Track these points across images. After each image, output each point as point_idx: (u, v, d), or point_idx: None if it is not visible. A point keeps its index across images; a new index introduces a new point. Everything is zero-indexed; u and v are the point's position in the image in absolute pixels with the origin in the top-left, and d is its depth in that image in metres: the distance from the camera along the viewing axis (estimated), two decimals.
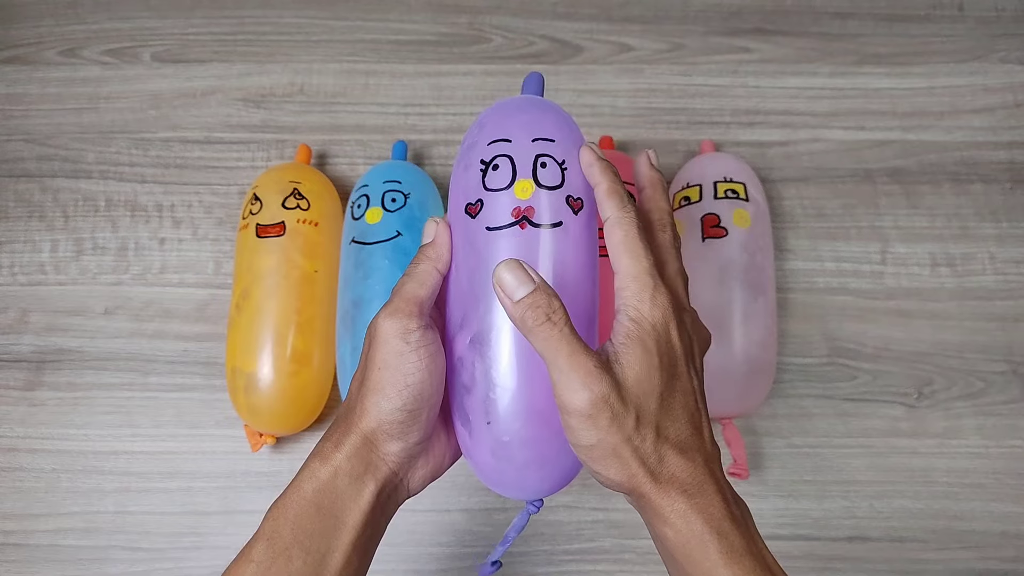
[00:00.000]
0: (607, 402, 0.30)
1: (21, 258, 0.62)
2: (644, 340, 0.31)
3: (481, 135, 0.36)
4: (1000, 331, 0.60)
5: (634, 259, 0.32)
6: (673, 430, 0.32)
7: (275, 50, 0.67)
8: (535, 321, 0.31)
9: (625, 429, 0.31)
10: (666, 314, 0.32)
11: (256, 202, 0.56)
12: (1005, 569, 0.55)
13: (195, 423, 0.58)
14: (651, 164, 0.38)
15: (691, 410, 0.33)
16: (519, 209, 0.34)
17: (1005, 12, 0.68)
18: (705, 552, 0.31)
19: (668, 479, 0.31)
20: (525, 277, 0.31)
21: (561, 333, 0.31)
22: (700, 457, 0.32)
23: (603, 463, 0.32)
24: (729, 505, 0.32)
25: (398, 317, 0.33)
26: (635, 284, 0.32)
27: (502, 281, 0.31)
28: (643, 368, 0.31)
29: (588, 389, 0.30)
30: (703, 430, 0.33)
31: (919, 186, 0.63)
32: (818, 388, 0.59)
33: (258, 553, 0.33)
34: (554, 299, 0.31)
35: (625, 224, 0.33)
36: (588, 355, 0.31)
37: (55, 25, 0.68)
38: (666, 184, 0.38)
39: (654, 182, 0.38)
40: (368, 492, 0.34)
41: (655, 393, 0.31)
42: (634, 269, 0.32)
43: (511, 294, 0.31)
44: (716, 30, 0.68)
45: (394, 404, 0.33)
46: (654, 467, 0.31)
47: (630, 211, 0.33)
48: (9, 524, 0.56)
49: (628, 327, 0.32)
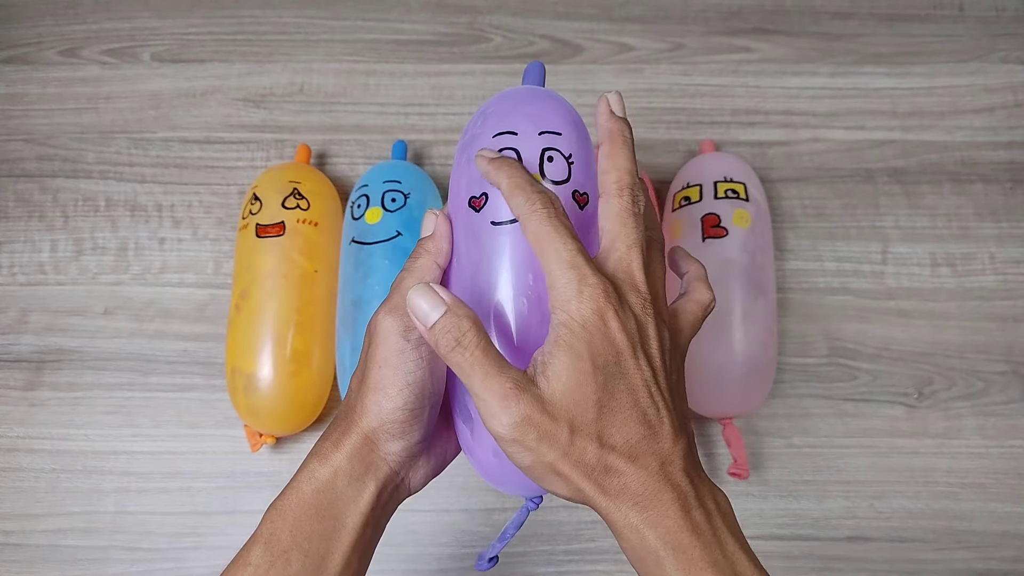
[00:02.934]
0: (530, 422, 0.28)
1: (21, 258, 0.62)
2: (572, 344, 0.29)
3: (485, 127, 0.35)
4: (1000, 331, 0.60)
5: (551, 253, 0.30)
6: (619, 436, 0.29)
7: (275, 50, 0.67)
8: (447, 346, 0.29)
9: (559, 444, 0.28)
10: (598, 306, 0.29)
11: (256, 202, 0.56)
12: (1005, 569, 0.55)
13: (195, 423, 0.58)
14: (610, 113, 0.34)
15: (642, 408, 0.29)
16: None
17: (1005, 12, 0.68)
18: (661, 568, 0.29)
19: (618, 491, 0.29)
20: (436, 301, 0.30)
21: (472, 356, 0.29)
22: (654, 462, 0.29)
23: (546, 481, 0.30)
24: (689, 512, 0.29)
25: (398, 314, 0.33)
26: (559, 281, 0.29)
27: (414, 308, 0.30)
28: (572, 376, 0.29)
29: (506, 412, 0.28)
30: (660, 426, 0.30)
31: (919, 186, 0.63)
32: (818, 388, 0.59)
33: (255, 556, 0.32)
34: (464, 319, 0.29)
35: (533, 219, 0.30)
36: (504, 375, 0.29)
37: (55, 25, 0.68)
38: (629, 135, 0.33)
39: (612, 135, 0.33)
40: (368, 493, 0.33)
41: (591, 400, 0.29)
42: (553, 264, 0.29)
43: (424, 320, 0.30)
44: (716, 30, 0.68)
45: (395, 403, 0.32)
46: (600, 479, 0.29)
47: (536, 202, 0.30)
48: (9, 524, 0.56)
49: (556, 332, 0.29)
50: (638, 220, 0.32)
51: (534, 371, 0.29)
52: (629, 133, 0.33)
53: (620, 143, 0.33)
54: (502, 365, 0.29)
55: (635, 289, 0.31)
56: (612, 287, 0.30)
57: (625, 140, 0.33)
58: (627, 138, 0.33)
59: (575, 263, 0.29)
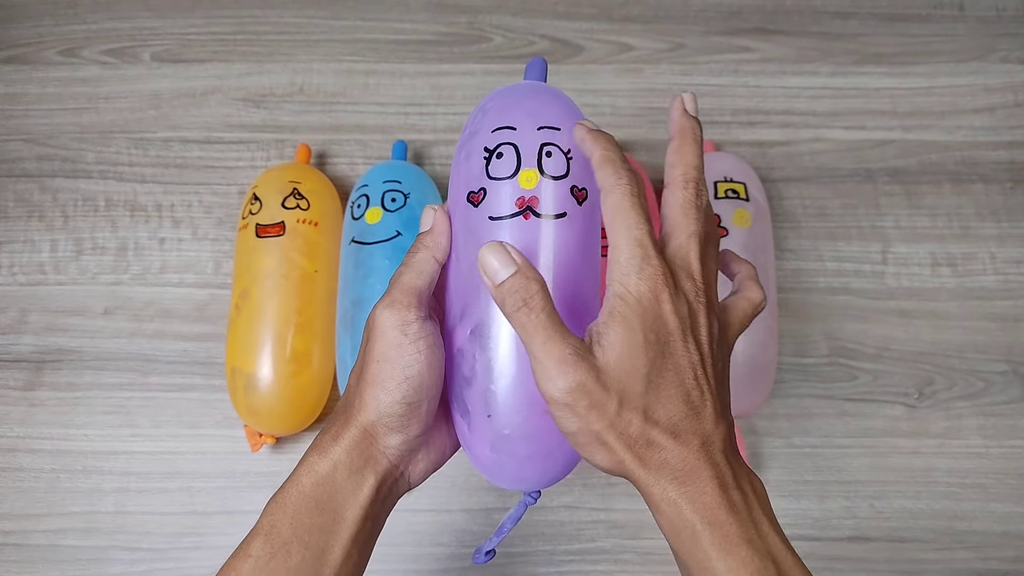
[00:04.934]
0: (584, 389, 0.29)
1: (21, 258, 0.62)
2: (627, 317, 0.30)
3: (484, 122, 0.35)
4: (1000, 331, 0.60)
5: (623, 228, 0.31)
6: (663, 412, 0.30)
7: (275, 50, 0.67)
8: (513, 306, 0.30)
9: (607, 415, 0.29)
10: (655, 286, 0.30)
11: (256, 202, 0.56)
12: (1005, 569, 0.55)
13: (195, 423, 0.58)
14: (683, 110, 0.35)
15: (687, 388, 0.30)
16: (523, 199, 0.33)
17: (1005, 12, 0.68)
18: (697, 543, 0.29)
19: (658, 465, 0.30)
20: (507, 259, 0.30)
21: (537, 319, 0.29)
22: (696, 440, 0.30)
23: (588, 449, 0.31)
24: (727, 491, 0.30)
25: (396, 309, 0.33)
26: (623, 256, 0.30)
27: (485, 264, 0.31)
28: (626, 348, 0.29)
29: (563, 377, 0.29)
30: (703, 408, 0.30)
31: (920, 186, 0.63)
32: (818, 388, 0.59)
33: (256, 548, 0.32)
34: (533, 282, 0.30)
35: (616, 192, 0.31)
36: (565, 341, 0.29)
37: (55, 25, 0.68)
38: (699, 134, 0.34)
39: (683, 131, 0.34)
40: (368, 486, 0.33)
41: (640, 374, 0.30)
42: (622, 239, 0.31)
43: (493, 277, 0.30)
44: (716, 30, 0.68)
45: (393, 397, 0.33)
46: (642, 452, 0.30)
47: (623, 178, 0.31)
48: (9, 524, 0.56)
49: (612, 304, 0.30)
50: (699, 212, 0.33)
51: (590, 339, 0.30)
52: (699, 132, 0.34)
53: (690, 139, 0.34)
54: (564, 331, 0.30)
55: (690, 276, 0.32)
56: (670, 271, 0.31)
57: (695, 138, 0.34)
58: (697, 136, 0.34)
59: (643, 242, 0.30)
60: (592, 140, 0.33)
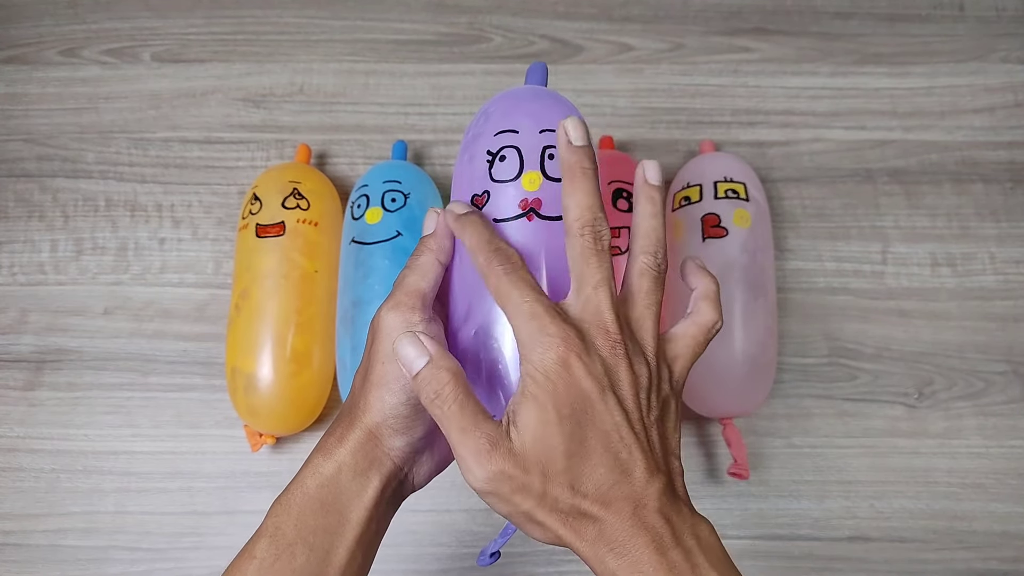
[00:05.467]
0: (504, 475, 0.29)
1: (21, 258, 0.62)
2: (536, 395, 0.29)
3: (487, 125, 0.36)
4: (1000, 331, 0.60)
5: (512, 308, 0.30)
6: (590, 482, 0.29)
7: (275, 50, 0.67)
8: (427, 398, 0.30)
9: (533, 495, 0.29)
10: (560, 353, 0.29)
11: (256, 202, 0.56)
12: (1005, 569, 0.55)
13: (195, 423, 0.58)
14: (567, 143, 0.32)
15: (613, 452, 0.29)
16: (526, 201, 0.33)
17: (1005, 12, 0.68)
18: None
19: (594, 537, 0.29)
20: (421, 350, 0.30)
21: (450, 410, 0.29)
22: (627, 506, 0.29)
23: (525, 528, 0.31)
24: (666, 553, 0.28)
25: (400, 310, 0.33)
26: (521, 333, 0.30)
27: (400, 356, 0.31)
28: (539, 427, 0.29)
29: (480, 467, 0.29)
30: (633, 468, 0.29)
31: (919, 186, 0.63)
32: (818, 388, 0.59)
33: (261, 549, 0.32)
34: (444, 372, 0.30)
35: (492, 277, 0.31)
36: (478, 429, 0.29)
37: (55, 25, 0.68)
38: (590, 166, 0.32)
39: (571, 169, 0.32)
40: (372, 487, 0.33)
41: (559, 450, 0.29)
42: (515, 318, 0.30)
43: (409, 368, 0.31)
44: (716, 30, 0.68)
45: (398, 398, 0.33)
46: (576, 525, 0.29)
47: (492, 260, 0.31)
48: (9, 524, 0.56)
49: (523, 383, 0.30)
50: (601, 258, 0.31)
51: (507, 421, 0.30)
52: (590, 163, 0.32)
53: (580, 176, 0.32)
54: (477, 420, 0.30)
55: (603, 330, 0.30)
56: (575, 333, 0.30)
57: (585, 172, 0.32)
58: (587, 169, 0.32)
59: (534, 313, 0.30)
60: (461, 227, 0.33)
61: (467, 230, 0.33)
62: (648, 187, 0.34)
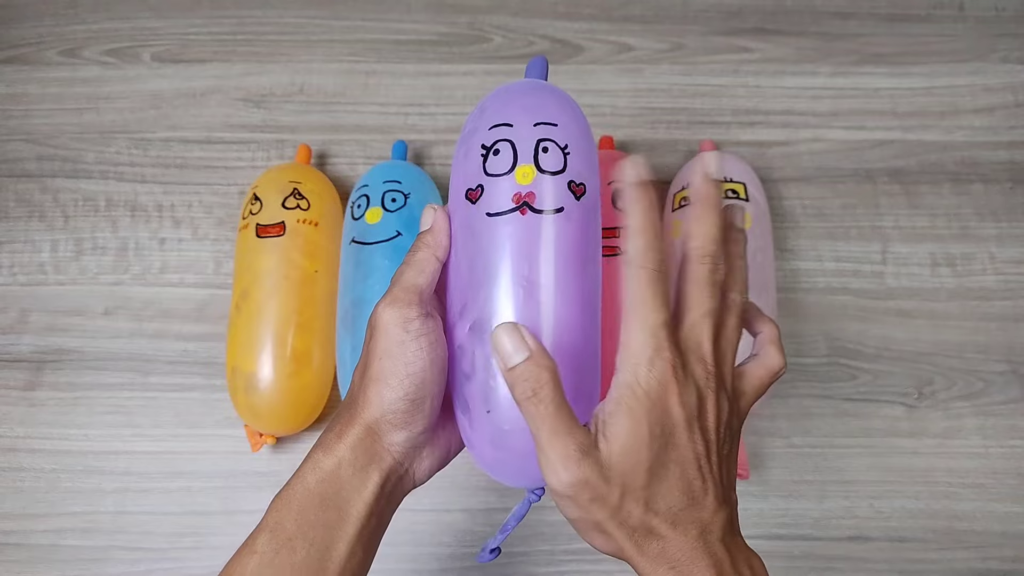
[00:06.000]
0: (587, 484, 0.29)
1: (21, 258, 0.62)
2: (634, 409, 0.30)
3: (482, 120, 0.36)
4: (1000, 331, 0.60)
5: (640, 315, 0.30)
6: (664, 503, 0.30)
7: (275, 50, 0.67)
8: (523, 394, 0.30)
9: (609, 506, 0.30)
10: (663, 380, 0.30)
11: (256, 202, 0.56)
12: (1005, 569, 0.55)
13: (195, 423, 0.58)
14: (706, 175, 0.33)
15: (688, 479, 0.30)
16: (520, 195, 0.33)
17: (1005, 12, 0.68)
18: None
19: (656, 554, 0.30)
20: (521, 344, 0.30)
21: (546, 410, 0.29)
22: (694, 529, 0.30)
23: (588, 535, 0.31)
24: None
25: (398, 306, 0.33)
26: (635, 343, 0.30)
27: (498, 345, 0.30)
28: (630, 440, 0.29)
29: (567, 472, 0.29)
30: (704, 497, 0.30)
31: (919, 186, 0.63)
32: (818, 388, 0.59)
33: (261, 544, 0.32)
34: (544, 371, 0.30)
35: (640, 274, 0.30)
36: (571, 435, 0.29)
37: (55, 25, 0.68)
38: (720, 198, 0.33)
39: (706, 200, 0.32)
40: (372, 483, 0.34)
41: (643, 467, 0.30)
42: (637, 326, 0.30)
43: (506, 360, 0.30)
44: (716, 30, 0.68)
45: (396, 394, 0.33)
46: (641, 541, 0.30)
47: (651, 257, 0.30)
48: (9, 524, 0.56)
49: (620, 392, 0.30)
50: (714, 290, 0.32)
51: (595, 429, 0.30)
52: (721, 199, 0.33)
53: (711, 209, 0.32)
54: (571, 424, 0.30)
55: (701, 360, 0.31)
56: (681, 361, 0.30)
57: (716, 206, 0.32)
58: (718, 204, 0.33)
59: (657, 333, 0.30)
60: (633, 200, 0.31)
61: (639, 208, 0.31)
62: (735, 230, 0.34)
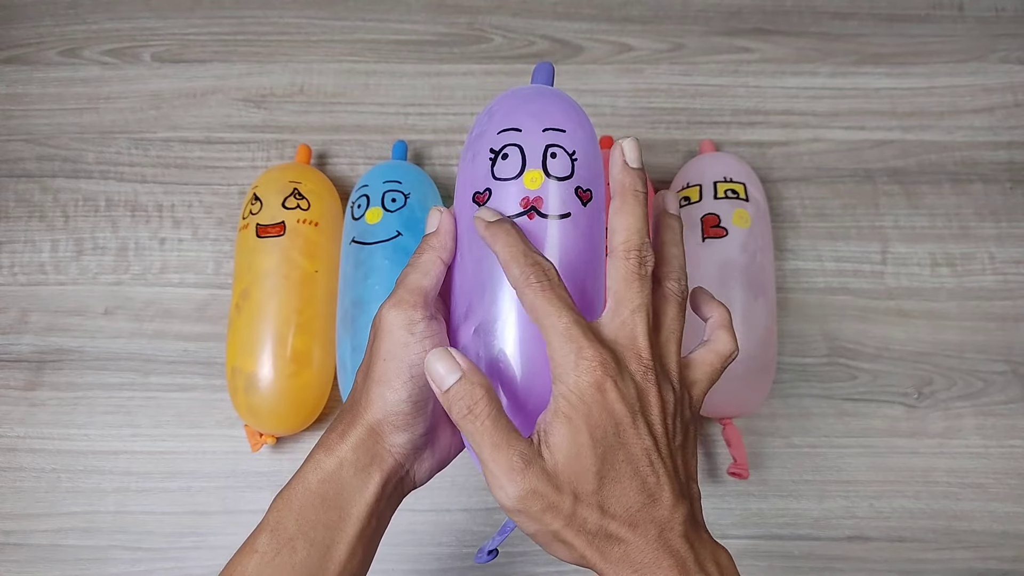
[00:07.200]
0: (536, 494, 0.29)
1: (21, 258, 0.62)
2: (571, 416, 0.29)
3: (491, 124, 0.36)
4: (1000, 331, 0.60)
5: (548, 325, 0.30)
6: (619, 505, 0.29)
7: (275, 50, 0.67)
8: (459, 413, 0.30)
9: (562, 514, 0.29)
10: (595, 378, 0.29)
11: (256, 202, 0.56)
12: (1005, 569, 0.55)
13: (195, 423, 0.58)
14: (623, 164, 0.33)
15: (642, 477, 0.30)
16: (527, 199, 0.33)
17: (1005, 12, 0.68)
18: None
19: (618, 559, 0.30)
20: (453, 365, 0.30)
21: (483, 426, 0.29)
22: (653, 529, 0.30)
23: (550, 547, 0.31)
24: None
25: (402, 308, 0.33)
26: (556, 353, 0.30)
27: (431, 371, 0.30)
28: (573, 448, 0.29)
29: (512, 485, 0.29)
30: (660, 493, 0.30)
31: (919, 186, 0.63)
32: (818, 388, 0.59)
33: (262, 544, 0.33)
34: (478, 388, 0.30)
35: (528, 291, 0.30)
36: (511, 448, 0.29)
37: (55, 25, 0.68)
38: (642, 189, 0.32)
39: (624, 190, 0.32)
40: (373, 483, 0.34)
41: (591, 472, 0.29)
42: (551, 336, 0.30)
43: (440, 384, 0.30)
44: (716, 30, 0.68)
45: (399, 395, 0.33)
46: (601, 546, 0.30)
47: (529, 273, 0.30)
48: (9, 524, 0.56)
49: (556, 402, 0.30)
50: (643, 283, 0.31)
51: (538, 439, 0.30)
52: (642, 187, 0.33)
53: (631, 199, 0.32)
54: (510, 437, 0.29)
55: (637, 355, 0.31)
56: (611, 356, 0.30)
57: (636, 195, 0.32)
58: (639, 192, 0.32)
59: (571, 335, 0.30)
60: (492, 236, 0.31)
61: (499, 239, 0.31)
62: (668, 216, 0.35)
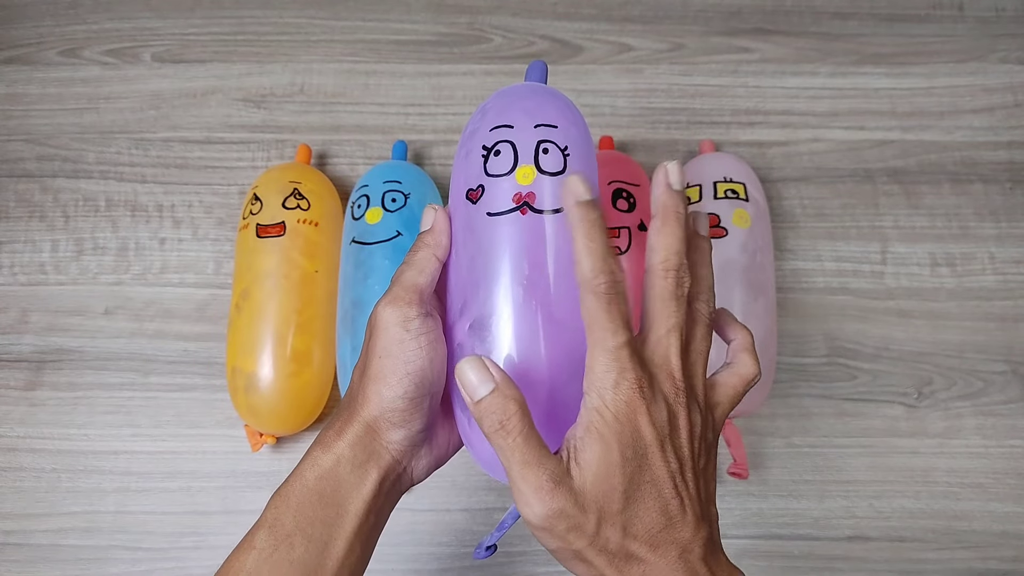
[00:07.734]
0: (563, 514, 0.29)
1: (21, 258, 0.62)
2: (604, 434, 0.29)
3: (483, 121, 0.36)
4: (1000, 331, 0.60)
5: (599, 339, 0.30)
6: (642, 526, 0.30)
7: (275, 50, 0.67)
8: (490, 427, 0.30)
9: (586, 534, 0.29)
10: (631, 401, 0.29)
11: (256, 202, 0.56)
12: (1005, 569, 0.55)
13: (195, 423, 0.58)
14: (667, 185, 0.32)
15: (665, 499, 0.30)
16: (520, 195, 0.34)
17: (1005, 12, 0.68)
18: None
19: None
20: (486, 375, 0.30)
21: (515, 442, 0.29)
22: (674, 550, 0.30)
23: (569, 564, 0.31)
24: None
25: (398, 305, 0.33)
26: (599, 367, 0.30)
27: (463, 378, 0.30)
28: (603, 466, 0.29)
29: (540, 504, 0.29)
30: (682, 516, 0.30)
31: (919, 186, 0.63)
32: (818, 388, 0.59)
33: (260, 540, 0.33)
34: (511, 402, 0.29)
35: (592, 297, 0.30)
36: (542, 467, 0.29)
37: (55, 25, 0.68)
38: (684, 211, 0.32)
39: (666, 211, 0.32)
40: (371, 480, 0.34)
41: (618, 491, 0.29)
42: (598, 350, 0.30)
43: (472, 393, 0.30)
44: (716, 30, 0.68)
45: (396, 392, 0.33)
46: (621, 566, 0.30)
47: (602, 277, 0.30)
48: (9, 524, 0.56)
49: (589, 418, 0.30)
50: (680, 304, 0.31)
51: (567, 456, 0.30)
52: (684, 208, 0.32)
53: (673, 220, 0.32)
54: (541, 454, 0.29)
55: (670, 376, 0.31)
56: (647, 378, 0.30)
57: (678, 217, 0.32)
58: (680, 215, 0.32)
59: (619, 355, 0.30)
60: (579, 220, 0.31)
61: (583, 228, 0.30)
62: (698, 237, 0.35)
